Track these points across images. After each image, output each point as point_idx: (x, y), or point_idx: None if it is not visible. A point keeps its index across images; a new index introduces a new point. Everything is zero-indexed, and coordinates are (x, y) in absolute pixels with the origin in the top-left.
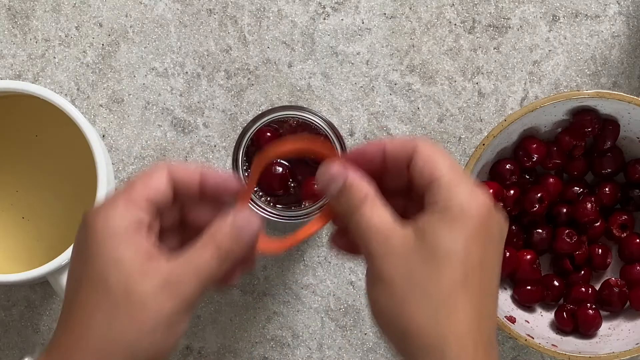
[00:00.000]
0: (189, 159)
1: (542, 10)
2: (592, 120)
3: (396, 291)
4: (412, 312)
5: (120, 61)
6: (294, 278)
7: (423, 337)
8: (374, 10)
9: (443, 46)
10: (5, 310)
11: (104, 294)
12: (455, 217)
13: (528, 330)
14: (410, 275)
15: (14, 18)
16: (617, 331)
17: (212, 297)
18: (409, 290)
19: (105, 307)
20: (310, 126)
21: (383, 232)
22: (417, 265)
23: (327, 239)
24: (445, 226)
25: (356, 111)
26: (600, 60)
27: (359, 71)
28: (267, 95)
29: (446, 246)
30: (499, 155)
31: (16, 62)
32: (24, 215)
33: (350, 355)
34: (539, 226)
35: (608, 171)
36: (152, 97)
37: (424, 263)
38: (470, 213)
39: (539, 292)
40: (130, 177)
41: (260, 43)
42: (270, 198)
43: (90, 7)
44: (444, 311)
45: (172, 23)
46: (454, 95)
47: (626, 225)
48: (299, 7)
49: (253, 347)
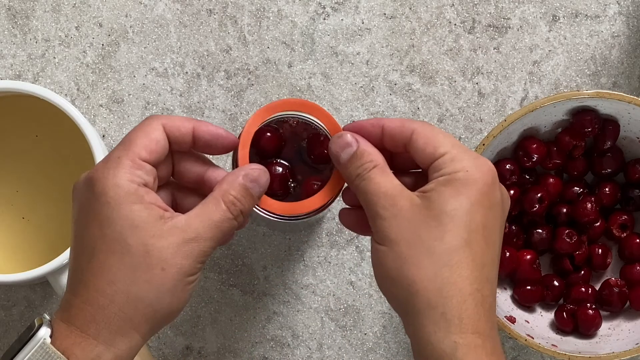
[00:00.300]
0: None
1: (542, 10)
2: (592, 120)
3: (401, 251)
4: (416, 270)
5: (120, 61)
6: (294, 278)
7: (425, 293)
8: (374, 10)
9: (443, 46)
10: (5, 310)
11: (124, 255)
12: (460, 183)
13: (528, 330)
14: (416, 235)
15: (14, 18)
16: (617, 331)
17: (212, 297)
18: (414, 250)
19: (126, 267)
20: (310, 126)
21: (391, 195)
22: (422, 226)
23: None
24: (450, 190)
25: (356, 111)
26: (600, 60)
27: (359, 71)
28: (267, 95)
29: (451, 208)
30: (499, 155)
31: (16, 62)
32: (24, 215)
33: (350, 355)
34: (539, 226)
35: (608, 171)
36: (152, 97)
37: (429, 224)
38: (475, 178)
39: (539, 292)
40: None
41: (260, 43)
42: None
43: (90, 7)
44: (447, 268)
45: (172, 23)
46: (454, 96)
47: (626, 225)
48: (299, 7)
49: (253, 347)
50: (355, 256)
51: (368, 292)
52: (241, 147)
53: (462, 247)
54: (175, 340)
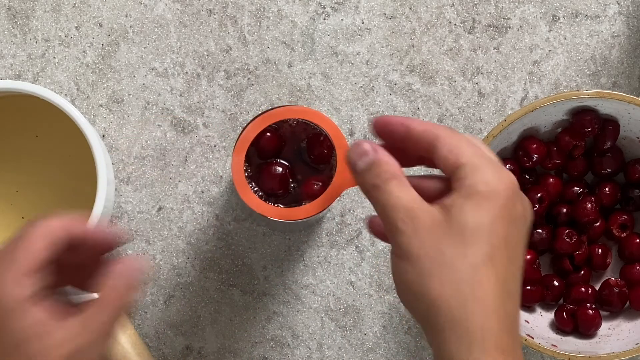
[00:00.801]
0: (189, 159)
1: (542, 10)
2: (592, 120)
3: (423, 267)
4: (438, 287)
5: (120, 61)
6: (294, 278)
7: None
8: (374, 10)
9: (443, 46)
10: None
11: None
12: (482, 196)
13: (528, 330)
14: (437, 251)
15: (14, 18)
16: (617, 331)
17: (212, 297)
18: (436, 266)
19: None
20: (310, 126)
21: (411, 209)
22: (444, 241)
23: (364, 222)
24: (471, 204)
25: (356, 111)
26: (600, 60)
27: (359, 71)
28: (267, 95)
29: (473, 223)
30: (499, 155)
31: (16, 62)
32: (24, 215)
33: (350, 355)
34: (539, 226)
35: (608, 171)
36: (152, 97)
37: (451, 239)
38: (497, 192)
39: (539, 292)
40: (11, 239)
41: (260, 43)
42: (270, 198)
43: (90, 7)
44: (470, 285)
45: (172, 23)
46: (454, 95)
47: (626, 225)
48: (299, 7)
49: (253, 347)
50: (355, 256)
51: (368, 292)
52: (236, 153)
53: (484, 263)
54: (175, 340)
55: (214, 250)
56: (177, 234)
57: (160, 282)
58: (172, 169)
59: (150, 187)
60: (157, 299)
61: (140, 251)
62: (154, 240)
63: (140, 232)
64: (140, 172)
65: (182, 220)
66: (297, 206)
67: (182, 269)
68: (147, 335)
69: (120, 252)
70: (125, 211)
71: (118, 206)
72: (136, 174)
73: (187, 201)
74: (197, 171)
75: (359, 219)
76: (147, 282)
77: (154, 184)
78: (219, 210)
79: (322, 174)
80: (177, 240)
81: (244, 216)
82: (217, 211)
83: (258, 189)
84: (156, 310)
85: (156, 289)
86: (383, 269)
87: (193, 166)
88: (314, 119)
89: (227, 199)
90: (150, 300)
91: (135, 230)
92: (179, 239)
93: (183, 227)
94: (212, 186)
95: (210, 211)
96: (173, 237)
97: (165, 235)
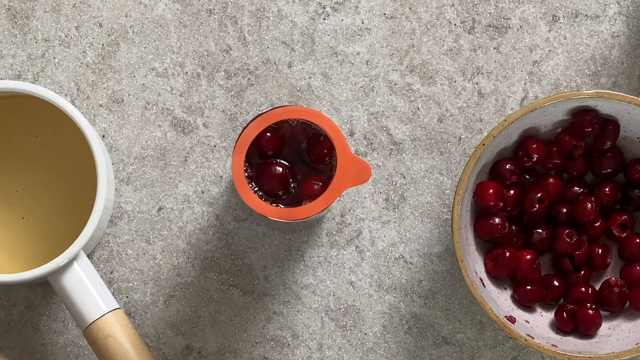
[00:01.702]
0: (189, 159)
1: (542, 10)
2: (592, 120)
3: None
4: None
5: (120, 61)
6: (294, 278)
7: None
8: (374, 10)
9: (443, 46)
10: (5, 310)
11: None
12: None
13: (528, 330)
14: None
15: (14, 18)
16: (617, 331)
17: (212, 297)
18: None
19: None
20: (310, 126)
21: None
22: None
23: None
24: None
25: (356, 111)
26: (600, 60)
27: (359, 71)
28: (267, 96)
29: None
30: (499, 155)
31: (16, 62)
32: (24, 215)
33: (350, 355)
34: (539, 226)
35: (608, 171)
36: (152, 97)
37: None
38: None
39: (539, 292)
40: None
41: (260, 43)
42: (270, 198)
43: (90, 7)
44: None
45: (172, 23)
46: (454, 95)
47: (626, 225)
48: (299, 7)
49: (253, 347)
50: (355, 256)
51: (368, 292)
52: (236, 153)
53: None
54: (175, 340)
55: (214, 250)
56: (177, 234)
57: (160, 282)
58: (172, 169)
59: (150, 187)
60: (157, 299)
61: (140, 251)
62: (154, 240)
63: (140, 232)
64: (140, 172)
65: (182, 220)
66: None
67: (182, 269)
68: (147, 335)
69: (120, 252)
70: (125, 211)
71: (118, 206)
72: (136, 174)
73: (187, 201)
74: (197, 171)
75: (359, 219)
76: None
77: (154, 184)
78: (219, 210)
79: (322, 174)
80: (177, 240)
81: (244, 216)
82: (217, 211)
83: (258, 189)
84: (156, 310)
85: (156, 289)
86: (383, 269)
87: (193, 166)
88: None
89: (227, 199)
90: (150, 300)
91: (135, 230)
92: (179, 239)
93: (183, 227)
94: (212, 186)
95: (210, 211)
96: (173, 237)
97: (165, 235)
